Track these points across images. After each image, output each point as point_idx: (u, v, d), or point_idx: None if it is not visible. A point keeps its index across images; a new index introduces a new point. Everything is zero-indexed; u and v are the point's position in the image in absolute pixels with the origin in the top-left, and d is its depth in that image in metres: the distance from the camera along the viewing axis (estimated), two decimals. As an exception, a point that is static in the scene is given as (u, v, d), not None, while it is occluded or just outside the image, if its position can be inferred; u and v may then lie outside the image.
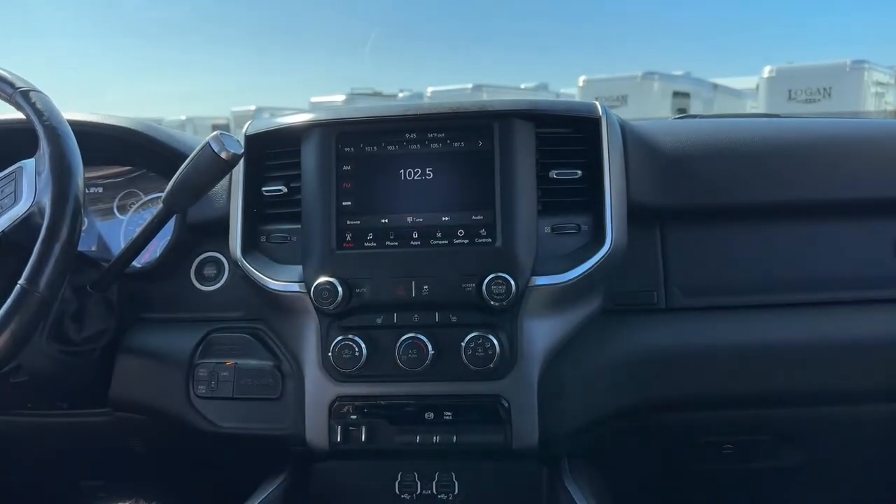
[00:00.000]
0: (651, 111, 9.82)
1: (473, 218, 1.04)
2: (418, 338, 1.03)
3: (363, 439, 1.06)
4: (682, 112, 8.34)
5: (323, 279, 1.03)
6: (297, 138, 1.10)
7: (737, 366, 1.09)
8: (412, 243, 1.05)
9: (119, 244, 1.30)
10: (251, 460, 1.19)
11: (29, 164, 0.99)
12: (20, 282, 0.87)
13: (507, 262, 1.02)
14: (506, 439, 1.05)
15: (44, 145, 0.94)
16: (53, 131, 0.94)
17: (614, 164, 1.06)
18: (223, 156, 0.99)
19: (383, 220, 1.06)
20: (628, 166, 1.09)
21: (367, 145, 1.07)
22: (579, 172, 1.06)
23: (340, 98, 12.41)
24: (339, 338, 1.04)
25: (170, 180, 1.04)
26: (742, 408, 1.15)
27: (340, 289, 1.02)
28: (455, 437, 1.05)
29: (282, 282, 1.08)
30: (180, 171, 1.02)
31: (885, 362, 1.10)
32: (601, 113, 1.07)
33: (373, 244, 1.06)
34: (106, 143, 1.24)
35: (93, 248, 1.31)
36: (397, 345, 1.03)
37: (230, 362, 1.13)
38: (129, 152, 1.28)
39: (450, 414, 1.05)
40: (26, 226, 0.94)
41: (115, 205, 1.33)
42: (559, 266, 1.04)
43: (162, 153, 1.22)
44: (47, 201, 0.91)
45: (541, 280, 1.03)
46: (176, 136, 1.25)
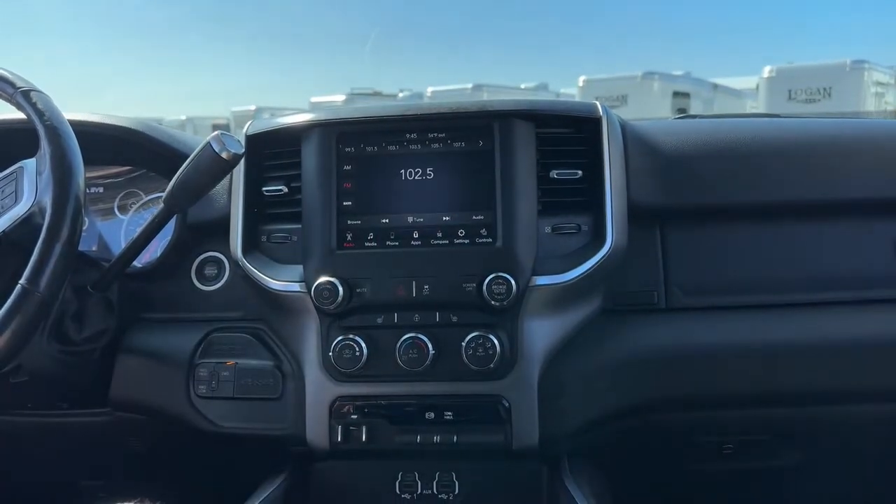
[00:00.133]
0: (651, 111, 9.82)
1: (474, 218, 1.05)
2: (419, 338, 1.03)
3: (363, 439, 1.06)
4: (682, 112, 8.34)
5: (323, 279, 1.03)
6: (298, 138, 1.10)
7: (737, 366, 1.09)
8: (413, 243, 1.05)
9: (119, 244, 1.30)
10: (251, 460, 1.19)
11: (30, 163, 0.99)
12: (21, 282, 0.87)
13: (507, 262, 1.02)
14: (506, 439, 1.05)
15: (45, 145, 0.94)
16: (54, 131, 0.94)
17: (615, 164, 1.06)
18: (224, 156, 0.99)
19: (384, 220, 1.06)
20: (628, 166, 1.09)
21: (367, 145, 1.07)
22: (580, 172, 1.07)
23: (340, 98, 12.42)
24: (340, 338, 1.04)
25: (170, 180, 1.04)
26: (742, 408, 1.15)
27: (341, 289, 1.02)
28: (455, 437, 1.05)
29: (282, 282, 1.08)
30: (181, 171, 1.02)
31: (885, 362, 1.10)
32: (602, 113, 1.07)
33: (373, 244, 1.06)
34: (106, 142, 1.24)
35: (93, 248, 1.31)
36: (398, 345, 1.03)
37: (230, 362, 1.13)
38: (129, 152, 1.28)
39: (450, 414, 1.05)
40: (27, 226, 0.94)
41: (116, 205, 1.33)
42: (559, 266, 1.04)
43: (162, 153, 1.22)
44: (48, 201, 0.91)
45: (541, 280, 1.03)
46: (176, 136, 1.25)
